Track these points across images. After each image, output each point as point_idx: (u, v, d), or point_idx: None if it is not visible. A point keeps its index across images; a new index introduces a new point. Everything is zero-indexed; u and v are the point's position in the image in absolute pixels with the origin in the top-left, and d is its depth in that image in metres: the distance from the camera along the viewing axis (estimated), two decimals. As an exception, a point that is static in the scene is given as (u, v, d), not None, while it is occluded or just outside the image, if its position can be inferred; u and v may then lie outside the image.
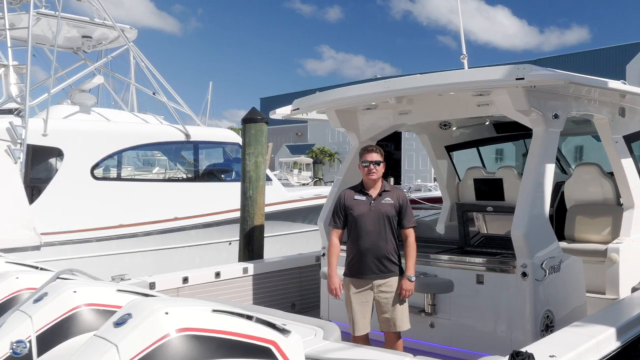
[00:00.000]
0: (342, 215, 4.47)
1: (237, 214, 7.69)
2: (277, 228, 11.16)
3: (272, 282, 6.52)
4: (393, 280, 4.36)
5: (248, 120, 7.28)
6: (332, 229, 4.56)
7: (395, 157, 65.63)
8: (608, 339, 3.40)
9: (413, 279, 4.36)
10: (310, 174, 41.14)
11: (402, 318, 4.36)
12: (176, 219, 9.64)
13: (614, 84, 4.93)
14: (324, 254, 6.07)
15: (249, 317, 2.13)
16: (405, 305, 4.41)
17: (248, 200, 7.18)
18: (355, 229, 4.39)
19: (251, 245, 7.13)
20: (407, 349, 4.66)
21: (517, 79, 4.29)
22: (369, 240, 4.32)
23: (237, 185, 7.89)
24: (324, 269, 5.38)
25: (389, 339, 4.41)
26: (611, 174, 6.26)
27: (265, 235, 9.71)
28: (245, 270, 6.28)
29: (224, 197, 10.14)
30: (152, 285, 5.50)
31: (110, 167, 10.17)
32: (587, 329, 3.48)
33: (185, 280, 5.78)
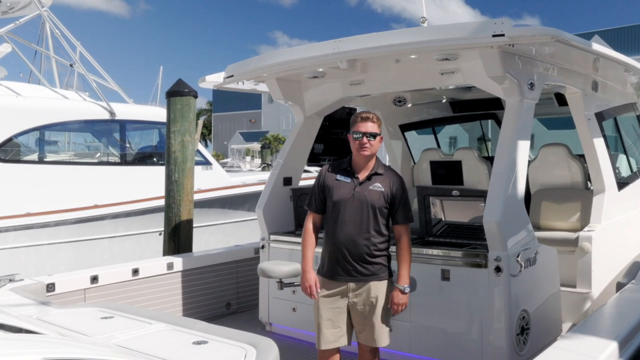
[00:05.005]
0: (321, 198, 3.54)
1: None
2: (218, 216, 10.28)
3: (203, 279, 5.63)
4: (373, 286, 3.42)
5: (173, 93, 6.27)
6: (308, 212, 3.62)
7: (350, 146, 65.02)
8: (610, 357, 2.73)
9: (407, 290, 3.41)
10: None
11: (381, 331, 3.45)
12: (96, 206, 8.49)
13: (598, 46, 4.32)
14: (262, 246, 5.26)
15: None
16: (389, 318, 3.50)
17: (173, 185, 6.20)
18: (332, 217, 3.46)
19: (177, 237, 6.16)
20: None
21: (494, 35, 3.57)
22: (345, 233, 3.39)
23: None
24: (262, 264, 4.57)
25: (363, 353, 3.54)
26: (579, 156, 5.75)
27: (204, 224, 8.71)
28: (170, 266, 5.35)
29: (155, 182, 9.07)
30: (50, 287, 4.49)
31: (20, 148, 8.89)
32: (582, 345, 2.79)
33: (95, 279, 4.80)
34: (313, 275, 3.49)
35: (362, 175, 3.48)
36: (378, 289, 3.44)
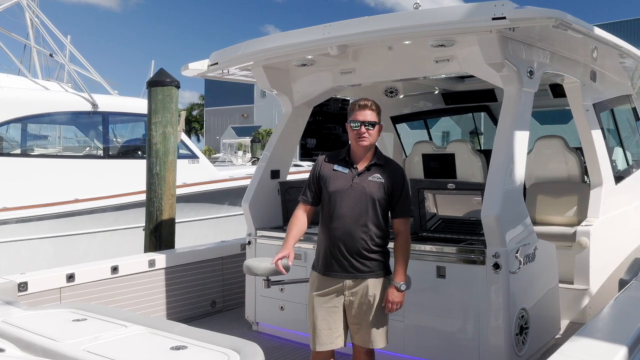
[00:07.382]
0: (315, 188, 3.33)
1: None
2: (205, 211, 10.03)
3: (186, 276, 5.40)
4: (371, 283, 3.21)
5: (154, 83, 6.01)
6: (299, 203, 3.39)
7: (344, 140, 65.21)
8: None
9: (403, 287, 3.19)
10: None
11: (378, 332, 3.25)
12: (76, 201, 8.20)
13: (601, 31, 4.14)
14: (249, 242, 5.04)
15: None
16: (386, 318, 3.31)
17: (154, 178, 5.94)
18: (327, 209, 3.25)
19: (159, 232, 5.91)
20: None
21: (494, 18, 3.36)
22: (341, 226, 3.19)
23: None
24: (248, 261, 4.34)
25: (357, 355, 3.34)
26: (575, 149, 5.59)
27: (190, 219, 8.42)
28: (151, 263, 5.11)
29: (139, 176, 8.80)
30: (22, 287, 4.23)
31: (-2, 140, 8.57)
32: (589, 350, 2.59)
33: (71, 278, 4.55)
34: (288, 251, 3.21)
35: (361, 166, 3.27)
36: (376, 287, 3.22)
